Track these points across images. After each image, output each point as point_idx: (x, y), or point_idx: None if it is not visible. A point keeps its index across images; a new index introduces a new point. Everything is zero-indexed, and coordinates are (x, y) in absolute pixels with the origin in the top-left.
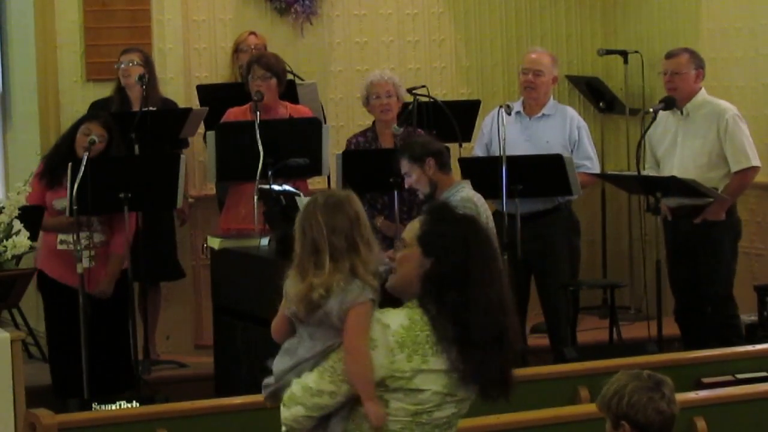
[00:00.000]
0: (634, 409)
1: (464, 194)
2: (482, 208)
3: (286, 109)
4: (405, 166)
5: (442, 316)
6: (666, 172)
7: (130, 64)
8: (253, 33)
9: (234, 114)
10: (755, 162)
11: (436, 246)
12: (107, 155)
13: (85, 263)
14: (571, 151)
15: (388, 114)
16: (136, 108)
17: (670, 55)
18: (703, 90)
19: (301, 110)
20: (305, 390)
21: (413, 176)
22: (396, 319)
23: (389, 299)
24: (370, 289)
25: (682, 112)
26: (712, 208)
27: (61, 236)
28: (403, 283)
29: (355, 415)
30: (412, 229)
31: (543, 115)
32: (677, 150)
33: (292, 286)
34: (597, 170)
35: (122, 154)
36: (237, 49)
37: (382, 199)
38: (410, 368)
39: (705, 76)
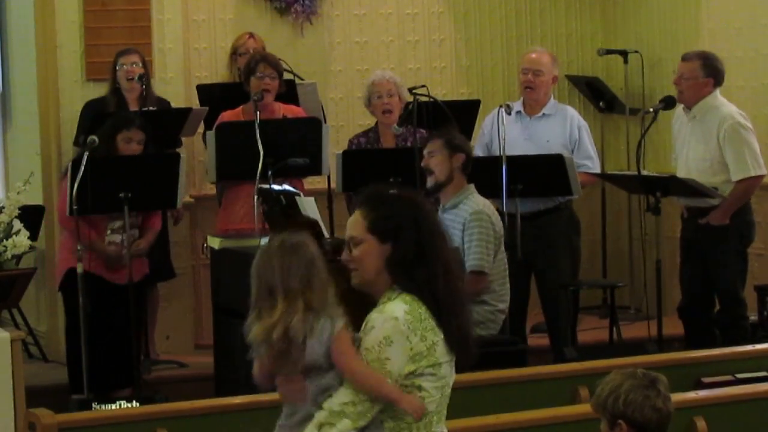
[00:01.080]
0: (631, 408)
1: (475, 206)
2: (494, 217)
3: (279, 109)
4: (436, 145)
5: (420, 292)
6: (678, 169)
7: (134, 66)
8: (251, 36)
9: (227, 117)
10: (755, 171)
11: (390, 229)
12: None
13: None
14: (572, 150)
15: (390, 114)
16: (133, 108)
17: (684, 58)
18: (714, 93)
19: (294, 110)
20: (344, 405)
21: (437, 158)
22: (397, 308)
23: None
24: (337, 317)
25: (690, 113)
26: (715, 213)
27: (109, 238)
28: (370, 277)
29: (392, 414)
30: (357, 224)
31: (543, 114)
32: (685, 151)
33: (251, 331)
34: (597, 170)
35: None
36: (235, 52)
37: None
38: (426, 346)
39: (721, 83)
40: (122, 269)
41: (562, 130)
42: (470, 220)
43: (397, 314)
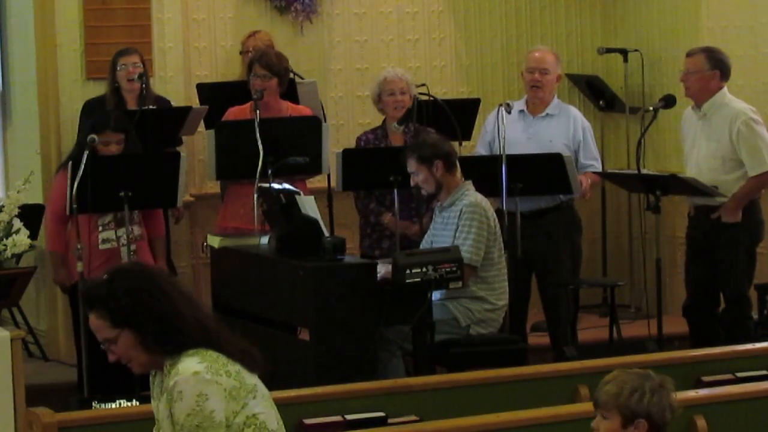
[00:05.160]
0: (656, 408)
1: (471, 199)
2: (490, 212)
3: (286, 109)
4: (412, 165)
5: (195, 344)
6: (688, 168)
7: (135, 66)
8: (252, 34)
9: (234, 113)
10: None
11: (128, 316)
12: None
13: (127, 258)
14: (575, 151)
15: (401, 111)
16: (131, 107)
17: (689, 54)
18: (723, 90)
19: (302, 110)
20: None
21: (420, 176)
22: (190, 364)
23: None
24: None
25: (700, 111)
26: (726, 206)
27: (102, 236)
28: (144, 362)
29: None
30: (101, 326)
31: (547, 114)
32: (695, 150)
33: None
34: (600, 169)
35: (139, 149)
36: (243, 50)
37: (391, 195)
38: (235, 379)
39: (728, 76)
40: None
41: (566, 130)
42: (465, 211)
43: (194, 368)
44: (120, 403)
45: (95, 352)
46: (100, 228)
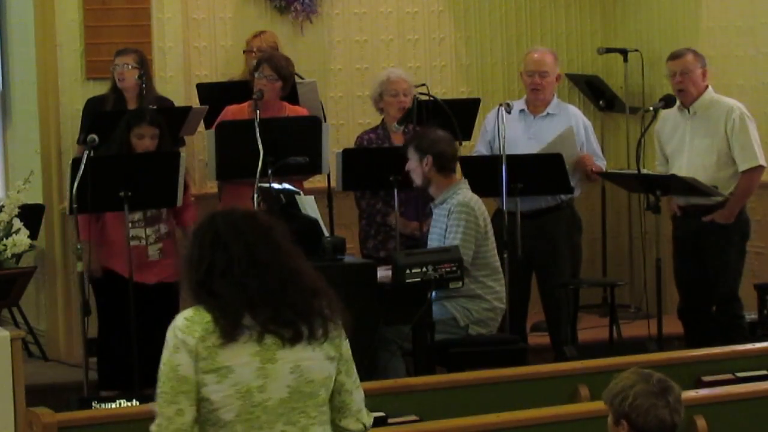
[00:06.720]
0: (635, 412)
1: (460, 198)
2: (479, 210)
3: (284, 110)
4: (410, 152)
5: (206, 301)
6: (675, 170)
7: (126, 67)
8: (258, 35)
9: (231, 112)
10: (762, 161)
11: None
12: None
13: (155, 256)
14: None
15: (403, 112)
16: (131, 107)
17: (674, 56)
18: (710, 89)
19: (299, 110)
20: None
21: (411, 163)
22: (178, 317)
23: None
24: None
25: (689, 111)
26: (722, 211)
27: (133, 232)
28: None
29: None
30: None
31: (547, 114)
32: (685, 149)
33: None
34: (605, 167)
35: (171, 147)
36: (248, 49)
37: (398, 196)
38: (206, 347)
39: (708, 75)
40: (152, 268)
41: None
42: (453, 211)
43: (176, 322)
44: (120, 403)
45: (101, 347)
46: (130, 225)
